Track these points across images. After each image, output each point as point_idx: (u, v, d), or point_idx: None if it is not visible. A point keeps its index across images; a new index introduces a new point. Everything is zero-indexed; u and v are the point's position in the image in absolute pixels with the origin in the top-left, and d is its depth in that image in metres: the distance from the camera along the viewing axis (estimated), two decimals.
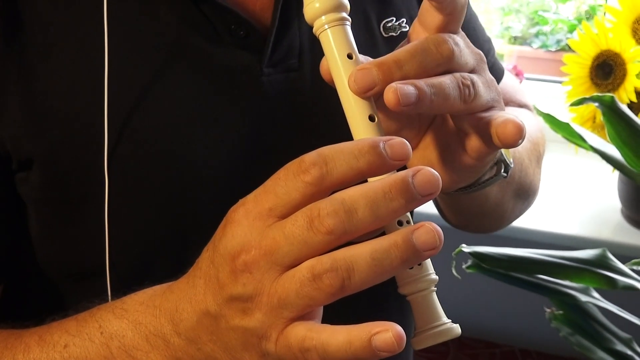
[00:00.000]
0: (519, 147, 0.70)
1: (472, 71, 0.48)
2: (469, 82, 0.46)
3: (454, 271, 0.80)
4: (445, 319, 0.44)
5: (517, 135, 0.47)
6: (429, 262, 0.44)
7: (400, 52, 0.45)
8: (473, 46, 0.49)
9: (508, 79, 0.83)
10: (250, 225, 0.40)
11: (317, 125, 0.59)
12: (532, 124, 0.78)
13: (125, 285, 0.51)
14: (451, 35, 0.47)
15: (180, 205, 0.57)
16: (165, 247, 0.58)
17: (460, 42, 0.47)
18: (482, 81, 0.48)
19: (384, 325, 0.38)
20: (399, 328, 0.38)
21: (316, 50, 0.47)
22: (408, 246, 0.38)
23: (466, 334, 1.73)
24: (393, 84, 0.42)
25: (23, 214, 0.58)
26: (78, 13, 0.55)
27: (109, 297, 0.55)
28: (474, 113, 0.48)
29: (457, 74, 0.46)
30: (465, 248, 0.76)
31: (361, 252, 0.38)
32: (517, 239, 1.28)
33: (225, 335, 0.42)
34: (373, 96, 0.45)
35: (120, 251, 0.56)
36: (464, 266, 0.77)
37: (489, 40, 0.79)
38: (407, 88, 0.42)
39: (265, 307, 0.40)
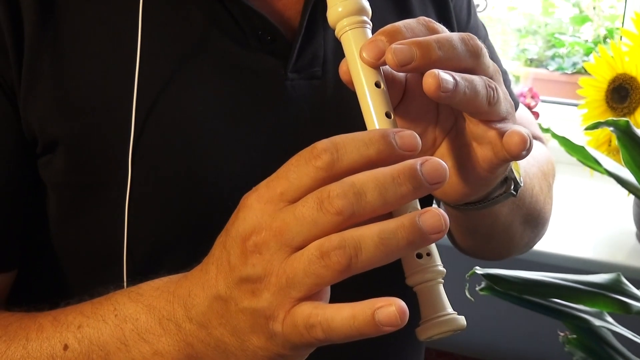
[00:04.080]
0: (530, 174, 0.71)
1: (491, 78, 0.50)
2: (493, 86, 0.48)
3: (467, 293, 0.80)
4: (450, 310, 0.44)
5: (522, 145, 0.48)
6: (437, 254, 0.45)
7: (435, 35, 0.47)
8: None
9: (522, 111, 0.86)
10: (262, 208, 0.41)
11: (337, 133, 0.60)
12: (544, 156, 0.80)
13: (141, 274, 0.52)
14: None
15: (199, 197, 0.58)
16: (182, 238, 0.59)
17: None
18: (501, 89, 0.49)
19: (387, 300, 0.39)
20: (402, 303, 0.38)
21: (339, 62, 0.49)
22: (415, 228, 0.39)
23: (479, 356, 1.71)
24: (434, 70, 0.44)
25: (42, 199, 0.59)
26: (112, 3, 0.57)
27: (125, 285, 0.56)
28: (492, 121, 0.49)
29: (483, 77, 0.48)
30: (479, 270, 0.75)
31: (369, 232, 0.39)
32: (531, 261, 1.27)
33: (234, 318, 0.43)
34: (399, 90, 0.47)
35: (138, 239, 0.57)
36: (477, 288, 0.77)
37: (505, 72, 0.80)
38: (447, 75, 0.44)
39: (273, 287, 0.40)
